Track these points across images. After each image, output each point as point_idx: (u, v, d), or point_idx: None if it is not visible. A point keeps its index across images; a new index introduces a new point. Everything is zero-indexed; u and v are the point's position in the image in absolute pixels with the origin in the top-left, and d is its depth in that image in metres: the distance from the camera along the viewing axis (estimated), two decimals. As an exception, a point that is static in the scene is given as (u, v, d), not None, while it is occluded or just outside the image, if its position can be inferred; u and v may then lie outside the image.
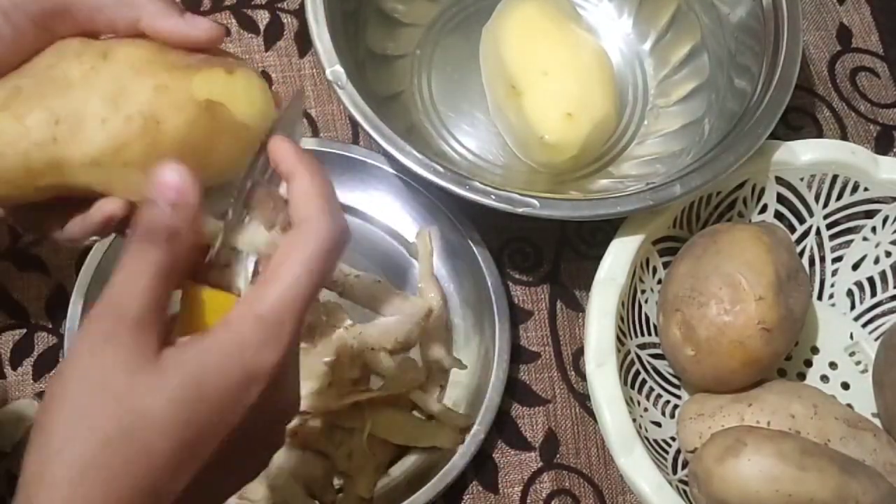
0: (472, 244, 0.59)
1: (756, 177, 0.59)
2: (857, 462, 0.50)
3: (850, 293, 0.62)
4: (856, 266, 0.62)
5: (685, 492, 0.51)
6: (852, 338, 0.61)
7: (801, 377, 0.60)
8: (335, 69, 0.55)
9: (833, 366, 0.61)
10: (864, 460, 0.51)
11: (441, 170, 0.53)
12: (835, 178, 0.59)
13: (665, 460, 0.53)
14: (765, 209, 0.60)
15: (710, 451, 0.49)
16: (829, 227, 0.61)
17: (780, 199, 0.60)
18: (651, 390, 0.57)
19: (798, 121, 0.70)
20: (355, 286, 0.59)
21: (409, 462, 0.55)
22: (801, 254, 0.61)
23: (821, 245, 0.62)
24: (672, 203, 0.54)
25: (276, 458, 0.53)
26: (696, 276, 0.53)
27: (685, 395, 0.58)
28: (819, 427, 0.52)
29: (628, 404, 0.50)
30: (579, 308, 0.62)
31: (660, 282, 0.58)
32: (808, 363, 0.61)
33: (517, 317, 0.61)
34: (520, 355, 0.60)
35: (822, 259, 0.62)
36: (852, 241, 0.61)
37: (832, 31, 0.74)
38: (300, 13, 0.70)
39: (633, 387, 0.55)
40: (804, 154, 0.58)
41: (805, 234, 0.61)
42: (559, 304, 0.62)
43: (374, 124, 0.53)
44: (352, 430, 0.54)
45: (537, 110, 0.60)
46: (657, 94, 0.67)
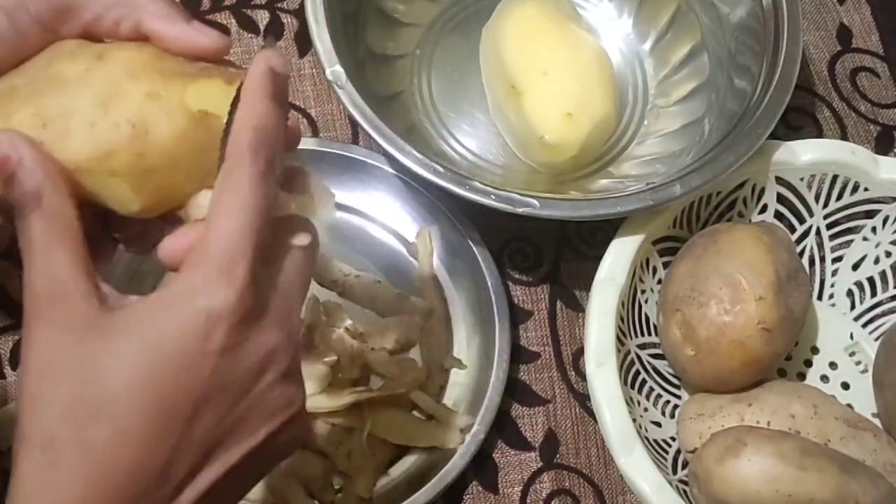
0: (472, 244, 0.59)
1: (756, 177, 0.59)
2: (857, 462, 0.50)
3: (850, 293, 0.62)
4: (856, 266, 0.62)
5: (685, 492, 0.51)
6: (852, 338, 0.61)
7: (801, 377, 0.60)
8: (335, 69, 0.55)
9: (833, 366, 0.61)
10: (864, 460, 0.51)
11: (441, 170, 0.53)
12: (835, 178, 0.59)
13: (665, 460, 0.53)
14: (765, 209, 0.60)
15: (710, 451, 0.49)
16: (829, 227, 0.61)
17: (780, 199, 0.60)
18: (651, 390, 0.57)
19: (798, 121, 0.70)
20: (355, 286, 0.59)
21: (409, 462, 0.55)
22: (801, 254, 0.61)
23: (821, 245, 0.62)
24: (672, 203, 0.54)
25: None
26: (696, 276, 0.53)
27: (685, 395, 0.58)
28: (819, 427, 0.52)
29: (628, 404, 0.50)
30: (579, 308, 0.62)
31: (660, 282, 0.58)
32: (808, 363, 0.61)
33: (517, 317, 0.61)
34: (520, 355, 0.60)
35: (822, 259, 0.62)
36: (852, 241, 0.61)
37: (832, 31, 0.74)
38: (300, 13, 0.70)
39: (633, 387, 0.55)
40: (804, 154, 0.58)
41: (805, 234, 0.61)
42: (559, 304, 0.62)
43: (374, 124, 0.53)
44: (352, 430, 0.54)
45: (537, 110, 0.60)
46: (657, 94, 0.67)
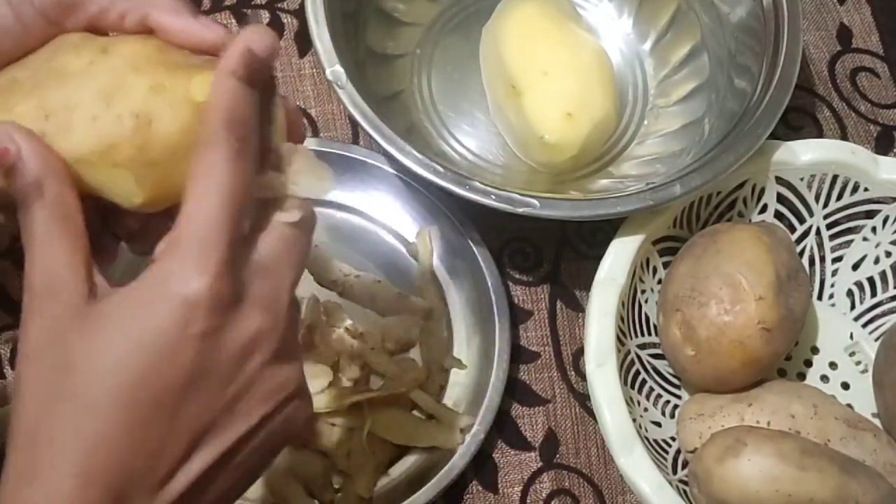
0: (472, 244, 0.59)
1: (756, 177, 0.59)
2: (857, 462, 0.50)
3: (850, 293, 0.62)
4: (856, 266, 0.62)
5: (685, 492, 0.51)
6: (852, 338, 0.61)
7: (801, 377, 0.60)
8: (335, 69, 0.55)
9: (833, 366, 0.61)
10: (864, 460, 0.51)
11: (441, 170, 0.53)
12: (835, 178, 0.59)
13: (665, 460, 0.53)
14: (765, 209, 0.60)
15: (710, 451, 0.49)
16: (829, 227, 0.61)
17: (780, 199, 0.60)
18: (651, 390, 0.56)
19: (798, 121, 0.70)
20: (355, 286, 0.59)
21: (409, 462, 0.55)
22: (801, 254, 0.61)
23: (821, 245, 0.62)
24: (672, 203, 0.54)
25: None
26: (696, 276, 0.53)
27: (685, 395, 0.58)
28: (819, 427, 0.52)
29: (628, 404, 0.50)
30: (579, 308, 0.62)
31: (660, 282, 0.58)
32: (808, 363, 0.61)
33: (517, 317, 0.61)
34: (520, 355, 0.60)
35: (822, 259, 0.62)
36: (852, 241, 0.61)
37: (832, 31, 0.74)
38: (300, 13, 0.70)
39: (633, 387, 0.55)
40: (804, 154, 0.58)
41: (805, 234, 0.61)
42: (559, 304, 0.62)
43: (374, 124, 0.53)
44: (352, 429, 0.54)
45: (537, 110, 0.60)
46: (657, 94, 0.67)
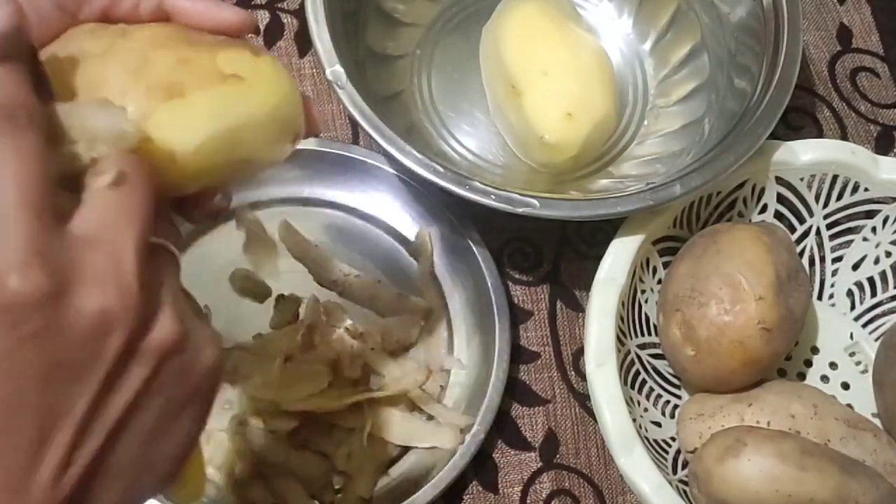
0: (472, 244, 0.59)
1: (756, 177, 0.59)
2: (857, 462, 0.50)
3: (850, 293, 0.62)
4: (856, 266, 0.62)
5: (685, 492, 0.51)
6: (852, 338, 0.61)
7: (801, 377, 0.60)
8: (335, 69, 0.55)
9: (833, 366, 0.61)
10: (864, 460, 0.51)
11: (441, 170, 0.53)
12: (835, 178, 0.59)
13: (665, 460, 0.53)
14: (765, 209, 0.60)
15: (710, 451, 0.49)
16: (829, 227, 0.61)
17: (780, 199, 0.60)
18: (651, 390, 0.56)
19: (798, 121, 0.70)
20: (355, 286, 0.59)
21: (409, 462, 0.55)
22: (801, 254, 0.61)
23: (821, 245, 0.62)
24: (672, 203, 0.54)
25: (276, 458, 0.53)
26: (696, 276, 0.53)
27: (685, 395, 0.58)
28: (819, 427, 0.52)
29: (628, 404, 0.50)
30: (579, 308, 0.62)
31: (660, 282, 0.58)
32: (808, 363, 0.61)
33: (517, 317, 0.61)
34: (520, 355, 0.60)
35: (822, 259, 0.62)
36: (852, 241, 0.61)
37: (832, 31, 0.74)
38: (300, 13, 0.70)
39: (633, 387, 0.55)
40: (804, 154, 0.58)
41: (805, 234, 0.61)
42: (559, 304, 0.62)
43: (374, 124, 0.53)
44: (352, 430, 0.54)
45: (537, 110, 0.60)
46: (657, 94, 0.67)
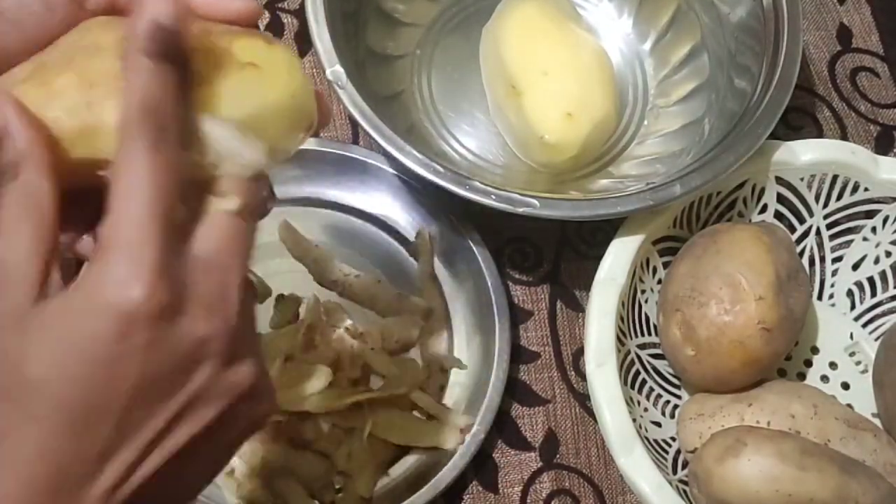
0: (472, 244, 0.59)
1: (756, 177, 0.59)
2: (857, 462, 0.50)
3: (850, 293, 0.62)
4: (856, 266, 0.62)
5: (685, 492, 0.51)
6: (852, 338, 0.61)
7: (801, 377, 0.60)
8: (335, 69, 0.55)
9: (833, 366, 0.61)
10: (864, 460, 0.51)
11: (441, 170, 0.53)
12: (835, 178, 0.59)
13: (665, 460, 0.53)
14: (765, 209, 0.60)
15: (710, 451, 0.49)
16: (829, 227, 0.61)
17: (780, 199, 0.60)
18: (651, 390, 0.56)
19: (798, 121, 0.70)
20: (355, 286, 0.59)
21: (409, 462, 0.55)
22: (801, 254, 0.61)
23: (821, 245, 0.62)
24: (672, 203, 0.54)
25: (276, 458, 0.53)
26: (696, 276, 0.53)
27: (685, 395, 0.58)
28: (819, 427, 0.52)
29: (628, 404, 0.50)
30: (579, 308, 0.62)
31: (660, 282, 0.58)
32: (808, 363, 0.61)
33: (517, 317, 0.61)
34: (520, 355, 0.60)
35: (822, 259, 0.62)
36: (852, 241, 0.61)
37: (832, 31, 0.74)
38: (300, 13, 0.70)
39: (633, 387, 0.55)
40: (804, 154, 0.58)
41: (805, 234, 0.61)
42: (559, 304, 0.62)
43: (374, 124, 0.53)
44: (352, 430, 0.54)
45: (537, 110, 0.60)
46: (657, 94, 0.67)
